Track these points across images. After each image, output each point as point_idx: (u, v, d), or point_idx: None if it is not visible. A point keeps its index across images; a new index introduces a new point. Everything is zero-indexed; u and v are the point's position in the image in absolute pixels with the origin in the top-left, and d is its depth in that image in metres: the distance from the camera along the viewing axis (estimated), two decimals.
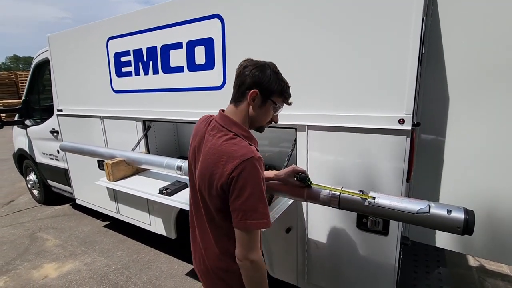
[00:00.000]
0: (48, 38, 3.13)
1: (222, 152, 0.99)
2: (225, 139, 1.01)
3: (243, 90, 1.05)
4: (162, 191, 1.86)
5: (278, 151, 2.49)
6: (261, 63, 1.07)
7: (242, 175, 0.94)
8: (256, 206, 0.96)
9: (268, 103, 1.08)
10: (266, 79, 1.04)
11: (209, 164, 1.01)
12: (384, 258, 1.59)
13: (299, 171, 1.37)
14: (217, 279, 1.13)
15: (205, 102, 2.07)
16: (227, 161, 0.96)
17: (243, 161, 0.94)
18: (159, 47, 2.23)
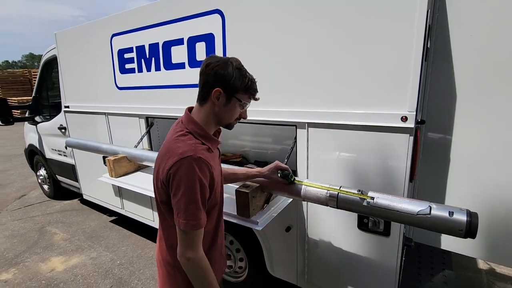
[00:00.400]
0: (55, 35, 3.18)
1: (169, 147, 1.01)
2: (177, 135, 1.03)
3: (207, 89, 1.03)
4: None
5: (280, 149, 2.46)
6: (224, 60, 1.04)
7: (178, 173, 0.95)
8: (186, 207, 0.96)
9: (233, 100, 1.07)
10: (229, 77, 1.02)
11: (159, 157, 1.04)
12: (385, 259, 1.54)
13: (282, 167, 1.40)
14: (166, 272, 1.15)
15: None
16: (169, 157, 0.98)
17: (181, 159, 0.95)
18: (161, 44, 2.22)
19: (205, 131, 1.07)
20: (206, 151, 1.03)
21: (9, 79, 14.39)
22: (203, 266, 1.01)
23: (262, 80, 1.75)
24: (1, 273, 2.83)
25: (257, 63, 1.75)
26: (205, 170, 0.98)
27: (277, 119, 1.73)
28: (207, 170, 0.99)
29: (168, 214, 1.05)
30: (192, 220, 0.96)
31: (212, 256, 1.14)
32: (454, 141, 1.62)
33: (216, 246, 1.19)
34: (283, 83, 1.67)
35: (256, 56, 1.75)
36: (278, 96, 1.71)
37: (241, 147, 2.65)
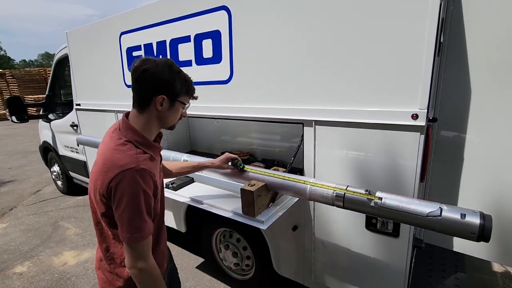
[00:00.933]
0: (67, 34, 3.23)
1: (108, 158, 0.96)
2: (115, 145, 0.98)
3: (149, 96, 0.99)
4: (168, 185, 1.87)
5: (288, 146, 2.43)
6: (161, 65, 0.99)
7: (120, 186, 0.91)
8: (131, 220, 0.93)
9: (177, 104, 1.06)
10: (171, 82, 1.00)
11: (97, 167, 0.98)
12: (394, 260, 1.50)
13: (232, 158, 1.61)
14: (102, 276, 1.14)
15: (213, 96, 2.04)
16: (108, 169, 0.93)
17: (122, 171, 0.91)
18: (168, 41, 2.22)
19: (146, 139, 1.02)
20: (149, 160, 0.99)
21: (26, 78, 14.81)
22: (154, 275, 1.01)
23: (269, 76, 1.73)
24: (16, 266, 2.93)
25: (264, 59, 1.73)
26: (149, 180, 0.96)
27: (284, 117, 1.70)
28: (150, 181, 0.96)
29: (109, 228, 1.03)
30: (136, 233, 0.94)
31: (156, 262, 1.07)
32: (469, 140, 1.55)
33: (158, 251, 1.17)
34: (290, 79, 1.64)
35: (263, 53, 1.72)
36: (285, 93, 1.68)
37: (248, 144, 2.63)
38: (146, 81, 0.98)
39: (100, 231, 1.09)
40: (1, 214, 4.20)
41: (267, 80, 1.74)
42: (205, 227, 2.51)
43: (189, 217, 2.61)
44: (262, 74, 1.76)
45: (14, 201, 4.64)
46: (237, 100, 1.92)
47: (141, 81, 0.99)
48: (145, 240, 0.97)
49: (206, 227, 2.50)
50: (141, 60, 1.00)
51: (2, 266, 2.94)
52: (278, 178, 1.42)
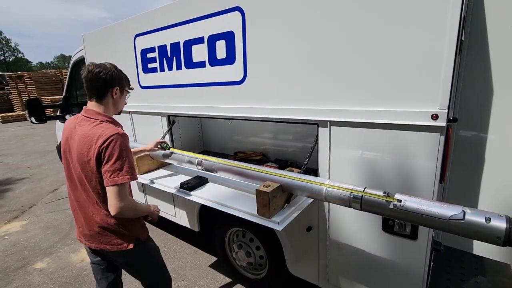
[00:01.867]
0: (83, 37, 3.31)
1: (94, 133, 1.30)
2: (93, 125, 1.34)
3: (106, 89, 1.39)
4: (183, 185, 1.89)
5: (301, 147, 2.42)
6: (108, 67, 1.40)
7: (110, 146, 1.27)
8: (122, 166, 1.28)
9: (124, 93, 1.52)
10: (117, 78, 1.43)
11: (85, 144, 1.31)
12: (412, 263, 1.47)
13: (160, 141, 2.15)
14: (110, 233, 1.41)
15: (226, 97, 2.05)
16: (98, 138, 1.28)
17: (110, 136, 1.28)
18: (182, 43, 2.24)
19: (113, 119, 1.44)
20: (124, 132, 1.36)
21: (43, 79, 15.27)
22: (132, 204, 1.36)
23: (283, 77, 1.73)
24: (37, 262, 3.03)
25: (278, 60, 1.72)
26: (128, 143, 1.36)
27: (298, 117, 1.69)
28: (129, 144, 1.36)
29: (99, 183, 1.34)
30: (127, 174, 1.29)
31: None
32: (490, 140, 1.51)
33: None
34: (305, 80, 1.63)
35: (277, 53, 1.71)
36: (300, 93, 1.67)
37: (261, 144, 2.63)
38: (102, 79, 1.36)
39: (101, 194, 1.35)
40: (22, 211, 4.35)
41: (281, 81, 1.74)
42: (218, 226, 2.53)
43: (202, 217, 2.64)
44: (276, 75, 1.75)
45: (33, 199, 4.80)
46: (251, 100, 1.92)
47: (95, 80, 1.36)
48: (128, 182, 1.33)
49: (219, 227, 2.53)
50: (92, 64, 1.39)
51: (23, 262, 3.05)
52: (294, 179, 1.42)
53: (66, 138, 1.42)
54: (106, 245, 1.43)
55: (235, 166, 1.68)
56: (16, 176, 5.98)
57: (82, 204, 1.42)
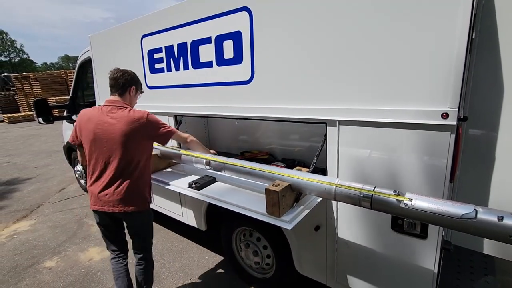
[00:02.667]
0: (90, 38, 3.34)
1: (131, 118, 1.79)
2: (129, 110, 1.84)
3: (126, 87, 1.92)
4: (191, 185, 1.91)
5: (308, 146, 2.42)
6: (129, 71, 1.96)
7: (149, 120, 1.83)
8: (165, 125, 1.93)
9: (138, 92, 2.04)
10: (135, 80, 1.98)
11: (129, 125, 1.76)
12: (422, 263, 1.47)
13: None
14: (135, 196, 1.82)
15: (234, 97, 2.06)
16: (139, 119, 1.80)
17: (146, 115, 1.83)
18: (189, 43, 2.26)
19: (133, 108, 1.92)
20: None
21: (48, 80, 15.41)
22: (195, 140, 2.16)
23: (291, 77, 1.73)
24: (46, 261, 3.07)
25: (286, 59, 1.73)
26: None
27: (306, 117, 1.70)
28: None
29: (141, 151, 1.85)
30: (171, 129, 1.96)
31: None
32: (500, 138, 1.50)
33: None
34: (314, 79, 1.63)
35: (285, 53, 1.72)
36: (308, 93, 1.67)
37: (268, 144, 2.64)
38: (124, 79, 1.90)
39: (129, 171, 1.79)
40: (30, 211, 4.41)
41: (289, 80, 1.74)
42: (225, 226, 2.54)
43: (210, 216, 2.65)
44: (284, 74, 1.76)
45: (41, 198, 4.86)
46: (258, 100, 1.93)
47: (119, 79, 1.89)
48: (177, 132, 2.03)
49: (226, 226, 2.54)
50: (117, 70, 1.93)
51: (32, 260, 3.09)
52: (303, 179, 1.42)
53: (96, 124, 1.77)
54: (130, 206, 1.79)
55: (243, 166, 1.69)
56: (23, 176, 6.05)
57: (117, 175, 1.77)
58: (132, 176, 1.79)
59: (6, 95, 17.92)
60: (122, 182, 1.77)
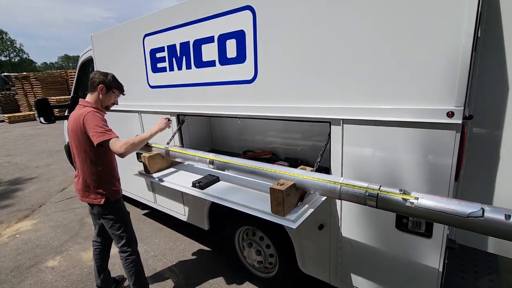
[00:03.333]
0: (91, 37, 3.34)
1: (79, 113, 1.91)
2: (81, 109, 1.94)
3: (95, 86, 2.00)
4: (195, 184, 1.91)
5: (311, 145, 2.42)
6: (105, 73, 2.04)
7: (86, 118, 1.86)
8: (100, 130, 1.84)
9: (111, 92, 2.06)
10: (108, 80, 2.02)
11: (76, 122, 1.90)
12: (427, 262, 1.47)
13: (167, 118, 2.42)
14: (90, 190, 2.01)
15: (237, 96, 2.06)
16: (80, 116, 1.88)
17: (86, 113, 1.88)
18: (192, 42, 2.25)
19: (97, 106, 2.01)
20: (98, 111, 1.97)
21: (48, 80, 15.41)
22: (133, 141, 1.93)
23: (295, 75, 1.73)
24: (48, 261, 3.07)
25: (290, 58, 1.72)
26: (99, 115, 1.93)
27: (309, 116, 1.70)
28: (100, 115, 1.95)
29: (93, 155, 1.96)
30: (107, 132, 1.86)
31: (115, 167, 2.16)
32: (505, 138, 1.49)
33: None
34: (318, 78, 1.63)
35: (289, 52, 1.72)
36: (311, 92, 1.67)
37: (270, 143, 2.64)
38: (95, 78, 2.01)
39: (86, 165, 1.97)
40: (32, 210, 4.41)
41: (292, 79, 1.74)
42: (228, 225, 2.54)
43: (212, 215, 2.65)
44: (287, 73, 1.76)
45: (43, 198, 4.86)
46: (262, 99, 1.93)
47: (94, 78, 2.01)
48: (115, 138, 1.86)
49: (228, 225, 2.54)
50: (96, 71, 2.06)
51: (35, 260, 3.09)
52: (308, 178, 1.42)
53: (69, 123, 2.00)
54: (87, 198, 2.03)
55: (247, 166, 1.69)
56: (25, 176, 6.05)
57: (79, 167, 2.01)
58: (87, 171, 1.97)
59: (6, 95, 17.92)
60: (82, 176, 2.00)
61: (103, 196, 1.99)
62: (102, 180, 1.99)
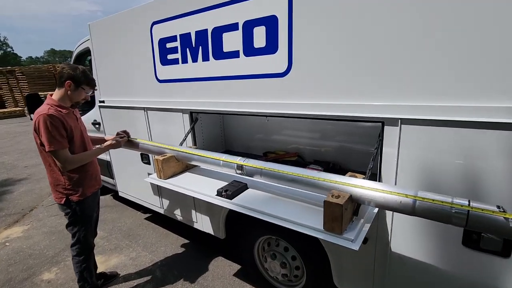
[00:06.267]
0: (89, 26, 3.02)
1: (36, 113, 1.80)
2: (41, 108, 1.83)
3: (62, 81, 1.86)
4: (221, 193, 1.66)
5: (338, 146, 2.20)
6: (74, 66, 1.89)
7: (39, 124, 1.76)
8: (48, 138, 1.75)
9: (80, 89, 1.92)
10: (76, 75, 1.87)
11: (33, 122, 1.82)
12: (501, 285, 1.27)
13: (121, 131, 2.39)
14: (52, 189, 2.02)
15: (265, 91, 1.82)
16: (35, 115, 1.79)
17: (39, 116, 1.76)
18: (210, 30, 1.99)
19: (60, 104, 1.88)
20: (57, 111, 1.81)
21: (35, 74, 14.73)
22: (76, 158, 1.90)
23: (340, 68, 1.50)
24: (44, 273, 2.78)
25: (334, 47, 1.49)
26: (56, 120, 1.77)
27: (357, 115, 1.47)
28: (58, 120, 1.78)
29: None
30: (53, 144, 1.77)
31: (88, 169, 2.04)
32: None
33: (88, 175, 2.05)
34: (367, 71, 1.41)
35: (333, 40, 1.48)
36: (361, 87, 1.44)
37: (293, 143, 2.41)
38: (64, 72, 1.86)
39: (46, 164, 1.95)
40: (22, 215, 4.08)
41: (336, 72, 1.51)
42: (246, 233, 2.31)
43: (230, 223, 2.42)
44: (330, 65, 1.52)
45: (33, 201, 4.52)
46: (296, 95, 1.69)
47: (62, 72, 1.87)
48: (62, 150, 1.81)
49: (247, 234, 2.31)
50: (65, 63, 1.94)
51: (29, 272, 2.79)
52: (371, 190, 1.20)
53: None
54: (54, 197, 2.02)
55: (287, 173, 1.45)
56: (13, 177, 5.66)
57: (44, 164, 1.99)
58: (49, 170, 1.95)
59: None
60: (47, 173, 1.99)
61: (64, 195, 1.96)
62: (63, 180, 1.94)
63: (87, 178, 2.05)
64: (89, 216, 2.13)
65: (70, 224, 2.09)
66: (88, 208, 2.09)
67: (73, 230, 2.09)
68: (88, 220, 2.13)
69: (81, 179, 2.01)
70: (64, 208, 2.03)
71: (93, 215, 2.21)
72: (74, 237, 2.11)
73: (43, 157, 1.94)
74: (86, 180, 2.04)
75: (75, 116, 2.02)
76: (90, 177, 2.09)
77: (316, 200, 1.51)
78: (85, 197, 2.02)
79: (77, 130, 1.97)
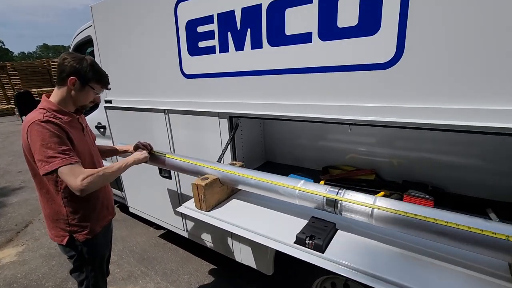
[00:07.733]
0: (91, 9, 2.44)
1: (26, 122, 1.28)
2: (33, 113, 1.31)
3: (64, 77, 1.34)
4: (304, 240, 1.12)
5: (416, 157, 1.68)
6: (79, 57, 1.36)
7: (31, 136, 1.24)
8: (46, 154, 1.22)
9: (88, 88, 1.40)
10: (82, 69, 1.34)
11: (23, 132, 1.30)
12: None
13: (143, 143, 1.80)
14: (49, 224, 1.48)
15: (353, 90, 1.29)
16: (24, 127, 1.28)
17: (30, 124, 1.25)
18: (265, 5, 1.45)
19: (60, 107, 1.36)
20: (54, 117, 1.29)
21: (28, 70, 13.99)
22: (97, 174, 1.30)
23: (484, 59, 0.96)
24: None
25: (472, 24, 0.96)
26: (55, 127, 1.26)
27: (480, 124, 0.95)
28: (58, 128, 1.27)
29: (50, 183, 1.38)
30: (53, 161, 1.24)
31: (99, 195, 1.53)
32: None
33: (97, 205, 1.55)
34: None
35: (471, 12, 0.95)
36: None
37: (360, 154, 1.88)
38: (66, 65, 1.33)
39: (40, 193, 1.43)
40: (16, 232, 3.54)
41: (481, 63, 0.98)
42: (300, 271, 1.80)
43: (278, 257, 1.90)
44: (471, 52, 0.99)
45: (29, 214, 3.97)
46: (407, 95, 1.16)
47: (63, 66, 1.34)
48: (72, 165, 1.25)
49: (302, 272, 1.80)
50: (65, 53, 1.38)
51: None
52: None
53: None
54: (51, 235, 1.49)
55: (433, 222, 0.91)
56: (5, 184, 5.09)
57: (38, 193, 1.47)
58: (46, 200, 1.43)
59: None
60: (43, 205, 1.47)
61: (66, 233, 1.44)
62: (66, 212, 1.41)
63: (97, 208, 1.54)
64: (101, 257, 1.63)
65: (75, 269, 1.56)
66: (98, 247, 1.58)
67: (80, 277, 1.57)
68: (99, 263, 1.62)
69: (90, 210, 1.49)
70: (67, 250, 1.50)
71: (106, 255, 1.70)
72: (82, 285, 1.59)
73: (38, 182, 1.41)
74: (96, 212, 1.53)
75: (80, 124, 1.50)
76: (101, 206, 1.57)
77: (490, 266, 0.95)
78: (94, 234, 1.52)
79: (83, 144, 1.45)
